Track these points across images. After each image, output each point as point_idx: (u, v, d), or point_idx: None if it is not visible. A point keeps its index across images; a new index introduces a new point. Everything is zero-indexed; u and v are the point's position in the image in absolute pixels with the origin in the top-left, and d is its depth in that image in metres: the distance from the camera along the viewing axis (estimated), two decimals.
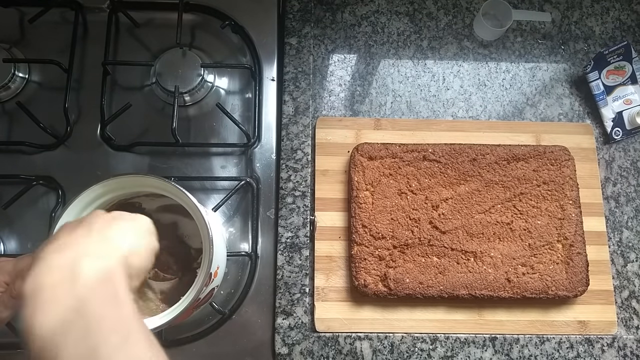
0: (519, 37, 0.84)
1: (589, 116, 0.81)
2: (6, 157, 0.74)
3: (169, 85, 0.75)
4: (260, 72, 0.79)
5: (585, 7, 0.86)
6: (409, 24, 0.84)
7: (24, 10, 0.79)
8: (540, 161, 0.73)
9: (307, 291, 0.71)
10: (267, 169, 0.75)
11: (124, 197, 0.61)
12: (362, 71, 0.81)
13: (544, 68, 0.83)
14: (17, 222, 0.72)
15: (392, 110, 0.79)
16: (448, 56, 0.83)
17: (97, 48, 0.77)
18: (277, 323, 0.69)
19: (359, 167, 0.72)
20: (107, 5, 0.79)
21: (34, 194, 0.72)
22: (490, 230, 0.70)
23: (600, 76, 0.80)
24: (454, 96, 0.81)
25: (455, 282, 0.69)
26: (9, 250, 0.71)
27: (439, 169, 0.72)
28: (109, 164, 0.74)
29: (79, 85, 0.77)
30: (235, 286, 0.72)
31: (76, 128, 0.75)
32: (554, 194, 0.72)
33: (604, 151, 0.79)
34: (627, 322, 0.72)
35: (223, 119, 0.76)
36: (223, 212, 0.75)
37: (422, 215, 0.71)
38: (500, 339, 0.70)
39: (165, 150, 0.75)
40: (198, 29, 0.81)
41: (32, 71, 0.78)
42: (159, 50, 0.78)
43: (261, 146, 0.76)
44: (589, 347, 0.70)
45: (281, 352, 0.68)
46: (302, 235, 0.73)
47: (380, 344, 0.69)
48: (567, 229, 0.71)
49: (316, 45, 0.82)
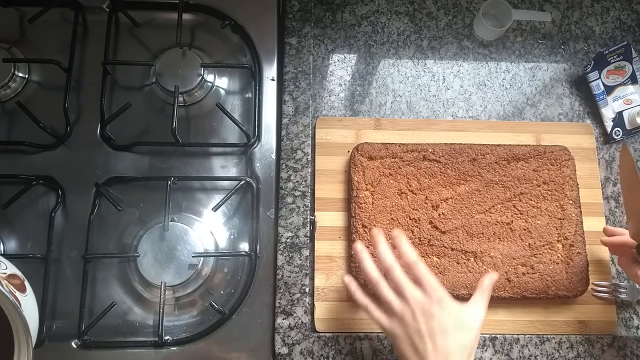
0: (519, 37, 0.84)
1: (589, 116, 0.81)
2: (6, 157, 0.73)
3: (169, 85, 0.75)
4: (260, 72, 0.79)
5: (585, 7, 0.86)
6: (409, 24, 0.84)
7: (24, 10, 0.79)
8: (540, 161, 0.73)
9: (307, 291, 0.71)
10: (267, 169, 0.75)
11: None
12: (362, 71, 0.81)
13: (544, 68, 0.83)
14: (17, 222, 0.72)
15: (392, 110, 0.79)
16: (448, 56, 0.83)
17: (97, 48, 0.77)
18: (277, 323, 0.69)
19: (359, 167, 0.72)
20: (107, 5, 0.79)
21: (34, 194, 0.73)
22: (490, 230, 0.70)
23: (600, 76, 0.80)
24: (454, 96, 0.81)
25: (455, 282, 0.69)
26: (8, 250, 0.71)
27: (439, 169, 0.72)
28: (109, 163, 0.74)
29: (78, 85, 0.77)
30: (235, 286, 0.72)
31: (76, 128, 0.75)
32: (554, 194, 0.72)
33: (604, 151, 0.79)
34: (627, 322, 0.72)
35: (223, 119, 0.76)
36: (223, 212, 0.75)
37: (422, 215, 0.71)
38: (500, 339, 0.70)
39: (165, 150, 0.75)
40: (198, 28, 0.81)
41: (32, 71, 0.78)
42: (159, 50, 0.78)
43: (261, 146, 0.76)
44: (589, 347, 0.70)
45: (281, 352, 0.68)
46: (302, 235, 0.73)
47: (380, 344, 0.69)
48: (567, 229, 0.71)
49: (316, 45, 0.82)
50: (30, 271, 0.60)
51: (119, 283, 0.71)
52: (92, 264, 0.71)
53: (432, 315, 0.55)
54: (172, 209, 0.72)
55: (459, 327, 0.55)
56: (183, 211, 0.74)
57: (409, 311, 0.56)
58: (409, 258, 0.58)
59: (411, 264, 0.58)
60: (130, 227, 0.73)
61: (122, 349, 0.68)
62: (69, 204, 0.72)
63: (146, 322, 0.70)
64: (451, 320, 0.55)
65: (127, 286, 0.71)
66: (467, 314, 0.57)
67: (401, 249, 0.60)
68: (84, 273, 0.69)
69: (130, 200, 0.74)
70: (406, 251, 0.59)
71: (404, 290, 0.57)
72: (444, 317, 0.55)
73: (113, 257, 0.72)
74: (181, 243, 0.71)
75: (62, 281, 0.70)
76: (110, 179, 0.73)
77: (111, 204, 0.71)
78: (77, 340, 0.68)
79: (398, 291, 0.58)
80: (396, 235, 0.60)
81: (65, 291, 0.70)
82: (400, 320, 0.56)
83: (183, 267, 0.70)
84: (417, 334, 0.55)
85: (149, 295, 0.71)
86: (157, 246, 0.70)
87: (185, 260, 0.70)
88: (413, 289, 0.57)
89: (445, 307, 0.56)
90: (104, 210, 0.73)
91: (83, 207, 0.72)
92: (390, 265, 0.59)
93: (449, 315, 0.55)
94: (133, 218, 0.73)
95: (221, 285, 0.72)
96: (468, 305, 0.58)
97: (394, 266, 0.59)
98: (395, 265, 0.59)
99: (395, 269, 0.58)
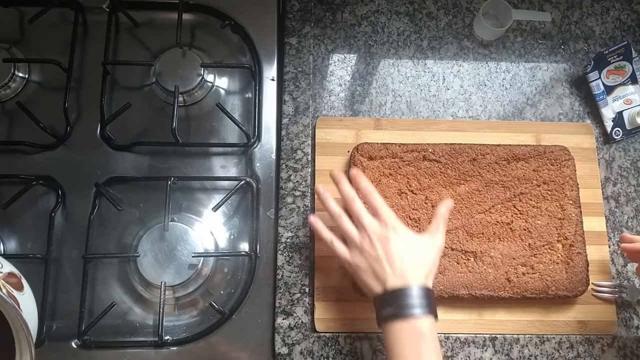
0: (519, 37, 0.84)
1: (589, 116, 0.81)
2: (6, 157, 0.73)
3: (169, 85, 0.75)
4: (260, 72, 0.79)
5: (585, 7, 0.86)
6: (409, 24, 0.84)
7: (24, 10, 0.79)
8: (540, 161, 0.73)
9: (307, 291, 0.71)
10: (267, 169, 0.75)
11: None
12: (362, 71, 0.81)
13: (544, 68, 0.83)
14: (17, 222, 0.72)
15: (392, 110, 0.79)
16: (448, 56, 0.83)
17: (97, 48, 0.77)
18: (277, 323, 0.69)
19: (359, 167, 0.72)
20: (107, 5, 0.79)
21: (34, 193, 0.73)
22: (490, 230, 0.70)
23: (600, 76, 0.80)
24: (454, 96, 0.81)
25: (455, 282, 0.69)
26: (8, 250, 0.71)
27: (439, 169, 0.72)
28: (108, 163, 0.74)
29: (78, 85, 0.77)
30: (235, 286, 0.72)
31: (76, 128, 0.75)
32: (554, 194, 0.72)
33: (604, 151, 0.79)
34: (627, 322, 0.72)
35: (223, 119, 0.76)
36: (223, 212, 0.75)
37: (422, 215, 0.71)
38: (500, 339, 0.70)
39: (165, 150, 0.75)
40: (198, 28, 0.81)
41: (32, 71, 0.78)
42: (159, 50, 0.78)
43: (261, 146, 0.76)
44: (589, 347, 0.70)
45: (281, 352, 0.68)
46: (302, 235, 0.73)
47: (380, 344, 0.69)
48: (567, 229, 0.71)
49: (316, 45, 0.82)
50: (30, 271, 0.60)
51: (119, 283, 0.71)
52: (92, 264, 0.71)
53: (388, 240, 0.58)
54: (172, 209, 0.72)
55: (415, 249, 0.58)
56: (183, 211, 0.74)
57: (367, 239, 0.59)
58: (365, 189, 0.61)
59: (367, 194, 0.61)
60: (130, 227, 0.73)
61: (122, 349, 0.68)
62: (69, 204, 0.72)
63: (146, 322, 0.70)
64: (407, 243, 0.58)
65: (127, 286, 0.71)
66: (424, 238, 0.60)
67: (359, 183, 0.62)
68: (84, 273, 0.69)
69: (130, 200, 0.74)
70: (362, 183, 0.62)
71: (361, 220, 0.60)
72: (399, 241, 0.58)
73: (113, 257, 0.72)
74: (181, 243, 0.71)
75: (62, 281, 0.70)
76: (110, 179, 0.73)
77: (111, 204, 0.71)
78: (77, 340, 0.68)
79: (357, 223, 0.60)
80: (355, 173, 0.63)
81: (65, 291, 0.70)
82: (360, 249, 0.59)
83: (183, 267, 0.70)
84: (375, 260, 0.58)
85: (149, 295, 0.71)
86: (157, 246, 0.70)
87: (185, 260, 0.70)
88: (369, 217, 0.60)
89: (400, 232, 0.59)
90: (104, 210, 0.73)
91: (83, 207, 0.72)
92: (351, 197, 0.62)
93: (404, 240, 0.58)
94: (133, 218, 0.73)
95: (221, 285, 0.72)
96: (425, 233, 0.61)
97: (354, 199, 0.61)
98: (355, 198, 0.62)
99: (355, 201, 0.61)
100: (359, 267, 0.59)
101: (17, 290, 0.55)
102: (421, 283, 0.56)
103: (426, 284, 0.57)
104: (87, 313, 0.69)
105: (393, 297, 0.55)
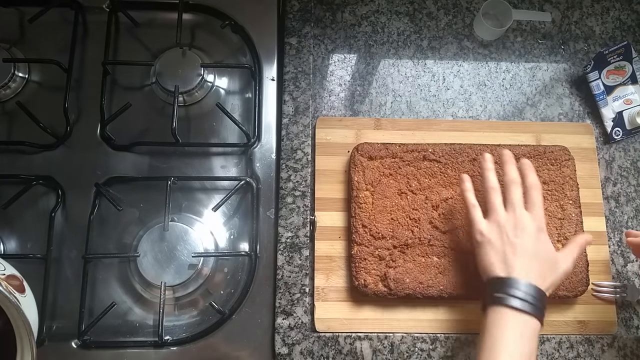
0: (519, 37, 0.84)
1: (589, 116, 0.81)
2: (6, 157, 0.74)
3: (169, 85, 0.75)
4: (260, 72, 0.79)
5: (585, 7, 0.86)
6: (409, 24, 0.84)
7: (24, 10, 0.79)
8: (540, 161, 0.73)
9: (307, 291, 0.71)
10: (267, 169, 0.75)
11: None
12: (362, 71, 0.81)
13: (544, 68, 0.83)
14: (17, 222, 0.72)
15: (392, 110, 0.79)
16: (448, 56, 0.83)
17: (97, 48, 0.77)
18: (277, 323, 0.69)
19: (359, 167, 0.72)
20: (107, 5, 0.79)
21: (34, 193, 0.73)
22: None
23: (600, 76, 0.80)
24: (454, 96, 0.81)
25: (456, 282, 0.69)
26: (8, 250, 0.71)
27: (439, 169, 0.72)
28: (109, 163, 0.74)
29: (78, 85, 0.77)
30: (235, 286, 0.72)
31: (76, 128, 0.75)
32: (554, 194, 0.72)
33: (604, 151, 0.79)
34: (627, 322, 0.72)
35: (223, 119, 0.76)
36: (223, 212, 0.75)
37: (422, 215, 0.71)
38: None
39: (165, 150, 0.75)
40: (198, 28, 0.81)
41: (32, 71, 0.78)
42: (159, 50, 0.78)
43: (261, 146, 0.76)
44: (589, 347, 0.70)
45: (281, 352, 0.68)
46: (302, 235, 0.73)
47: (380, 344, 0.69)
48: (567, 229, 0.71)
49: (316, 45, 0.82)
50: (30, 271, 0.60)
51: (119, 283, 0.71)
52: (92, 264, 0.71)
53: (531, 237, 0.60)
54: (172, 209, 0.72)
55: (547, 260, 0.60)
56: (183, 211, 0.74)
57: (512, 223, 0.60)
58: (530, 182, 0.63)
59: (531, 187, 0.63)
60: (130, 227, 0.73)
61: (122, 349, 0.68)
62: (69, 204, 0.72)
63: (146, 322, 0.70)
64: (543, 250, 0.60)
65: (127, 286, 0.71)
66: (558, 256, 0.61)
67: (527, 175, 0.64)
68: (84, 273, 0.69)
69: (130, 200, 0.74)
70: (529, 176, 0.63)
71: (515, 205, 0.61)
72: (539, 245, 0.60)
73: (113, 257, 0.72)
74: (181, 243, 0.71)
75: (62, 281, 0.70)
76: (110, 179, 0.73)
77: (111, 204, 0.71)
78: (77, 340, 0.68)
79: (509, 206, 0.62)
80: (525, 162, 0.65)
81: (65, 291, 0.70)
82: (500, 228, 0.60)
83: (183, 267, 0.70)
84: (510, 245, 0.59)
85: (149, 295, 0.71)
86: (157, 246, 0.70)
87: (185, 260, 0.70)
88: (523, 209, 0.61)
89: (543, 238, 0.60)
90: (104, 210, 0.73)
91: (83, 207, 0.72)
92: (516, 182, 0.63)
93: (544, 246, 0.60)
94: (133, 218, 0.73)
95: (221, 285, 0.72)
96: (560, 250, 0.62)
97: (518, 185, 0.63)
98: (519, 184, 0.63)
99: (517, 187, 0.63)
100: (491, 242, 0.60)
101: (19, 293, 0.55)
102: (543, 288, 0.58)
103: (546, 292, 0.58)
104: (87, 313, 0.69)
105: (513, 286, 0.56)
